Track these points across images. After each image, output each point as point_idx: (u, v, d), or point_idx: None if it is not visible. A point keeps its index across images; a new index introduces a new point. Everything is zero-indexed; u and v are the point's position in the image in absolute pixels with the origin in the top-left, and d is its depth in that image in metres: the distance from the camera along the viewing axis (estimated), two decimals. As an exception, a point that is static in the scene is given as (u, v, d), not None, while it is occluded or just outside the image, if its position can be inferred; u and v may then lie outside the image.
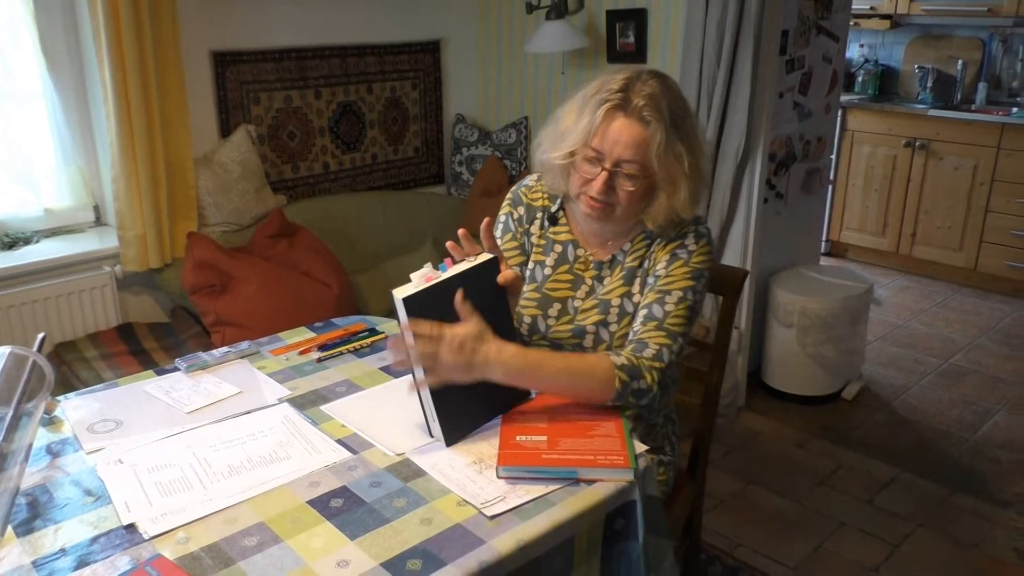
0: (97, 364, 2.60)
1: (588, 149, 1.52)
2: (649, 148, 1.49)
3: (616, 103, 1.49)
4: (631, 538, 1.34)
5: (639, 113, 1.48)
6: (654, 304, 1.56)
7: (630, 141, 1.49)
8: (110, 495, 1.28)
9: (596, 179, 1.52)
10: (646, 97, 1.49)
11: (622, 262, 1.65)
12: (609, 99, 1.49)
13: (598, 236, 1.68)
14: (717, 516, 2.67)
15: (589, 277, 1.68)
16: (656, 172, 1.51)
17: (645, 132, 1.48)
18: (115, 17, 2.54)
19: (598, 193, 1.52)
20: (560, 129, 1.58)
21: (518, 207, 1.75)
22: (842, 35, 3.46)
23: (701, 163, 1.57)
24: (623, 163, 1.50)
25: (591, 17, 3.36)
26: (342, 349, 1.84)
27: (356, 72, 3.45)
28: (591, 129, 1.50)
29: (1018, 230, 4.38)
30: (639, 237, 1.65)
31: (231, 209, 2.99)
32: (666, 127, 1.49)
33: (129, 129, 2.65)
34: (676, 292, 1.56)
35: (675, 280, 1.57)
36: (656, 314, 1.55)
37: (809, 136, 3.44)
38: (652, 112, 1.48)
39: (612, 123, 1.49)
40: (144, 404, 1.58)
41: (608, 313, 1.63)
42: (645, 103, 1.48)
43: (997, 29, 4.72)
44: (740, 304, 3.16)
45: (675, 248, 1.60)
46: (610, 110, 1.49)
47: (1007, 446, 3.06)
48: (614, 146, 1.49)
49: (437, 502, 1.28)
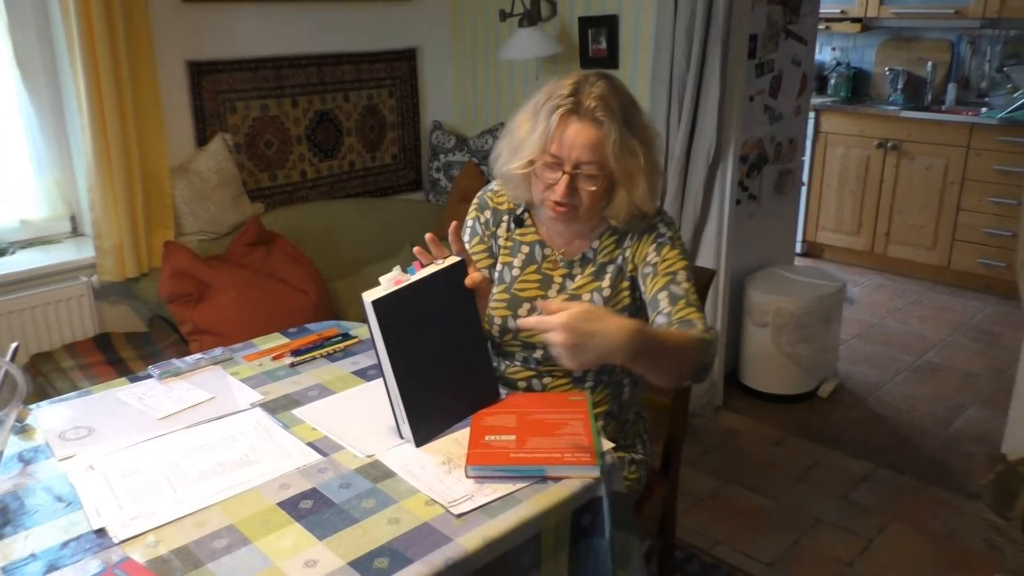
0: (74, 374, 2.61)
1: (547, 156, 1.55)
2: (605, 147, 1.53)
3: (569, 107, 1.53)
4: (598, 534, 1.37)
5: (592, 115, 1.52)
6: (671, 285, 1.60)
7: (587, 143, 1.52)
8: (81, 501, 1.29)
9: (558, 184, 1.55)
10: (596, 98, 1.52)
11: (592, 259, 1.69)
12: (561, 104, 1.53)
13: (564, 235, 1.71)
14: (695, 514, 2.70)
15: (559, 276, 1.71)
16: (614, 169, 1.55)
17: (600, 132, 1.52)
18: (88, 28, 2.56)
19: (562, 197, 1.56)
20: (516, 140, 1.61)
21: (484, 211, 1.78)
22: (810, 39, 3.51)
23: (655, 156, 1.62)
24: (582, 164, 1.54)
25: (564, 23, 3.40)
26: (315, 354, 1.86)
27: (332, 80, 3.47)
28: (548, 136, 1.54)
29: (989, 228, 4.45)
30: (606, 234, 1.69)
31: (208, 218, 3.00)
32: (619, 125, 1.53)
33: (104, 139, 2.66)
34: (680, 272, 1.61)
35: (673, 261, 1.63)
36: (678, 293, 1.59)
37: (780, 138, 3.49)
38: (604, 112, 1.52)
39: (567, 127, 1.53)
40: (116, 411, 1.59)
41: None
42: (596, 104, 1.52)
43: (965, 31, 4.80)
44: (716, 305, 3.21)
45: (655, 238, 1.65)
46: (564, 115, 1.53)
47: (979, 439, 3.11)
48: (572, 149, 1.53)
49: (405, 502, 1.30)
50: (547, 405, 1.54)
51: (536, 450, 1.39)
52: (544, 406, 1.53)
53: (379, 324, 1.38)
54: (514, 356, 1.74)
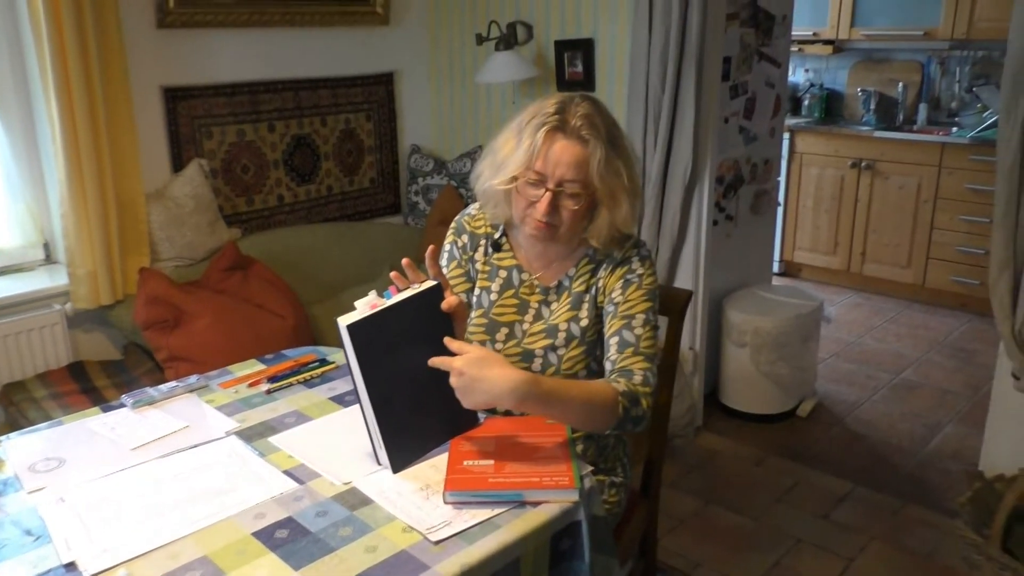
0: (47, 404, 2.57)
1: (531, 172, 1.54)
2: (590, 166, 1.53)
3: (554, 124, 1.53)
4: (577, 558, 1.36)
5: (577, 133, 1.52)
6: (623, 330, 1.59)
7: (571, 161, 1.52)
8: (50, 534, 1.27)
9: (541, 201, 1.55)
10: (582, 117, 1.53)
11: (568, 287, 1.68)
12: (547, 122, 1.53)
13: (542, 258, 1.71)
14: (677, 536, 2.69)
15: (535, 301, 1.70)
16: (598, 189, 1.55)
17: (585, 151, 1.52)
18: (61, 53, 2.54)
19: (543, 215, 1.55)
20: (499, 158, 1.61)
21: (462, 235, 1.77)
22: (783, 61, 3.56)
23: (636, 178, 1.62)
24: (566, 183, 1.53)
25: (540, 47, 3.43)
26: (292, 380, 1.84)
27: (309, 105, 3.47)
28: (533, 152, 1.53)
29: (962, 246, 4.50)
30: (583, 261, 1.68)
31: (184, 243, 2.98)
32: (604, 144, 1.53)
33: (78, 166, 2.64)
34: (639, 316, 1.60)
35: (634, 304, 1.61)
36: (629, 340, 1.58)
37: (756, 159, 3.52)
38: (590, 131, 1.52)
39: (553, 144, 1.53)
40: (88, 442, 1.57)
41: (556, 337, 1.66)
42: (582, 123, 1.52)
43: (934, 52, 4.89)
44: (695, 325, 3.22)
45: (625, 273, 1.64)
46: (549, 132, 1.53)
47: (956, 457, 3.13)
48: (556, 167, 1.53)
49: (383, 529, 1.28)
50: (525, 429, 1.53)
51: (514, 474, 1.38)
52: (522, 430, 1.53)
53: (354, 348, 1.38)
54: None
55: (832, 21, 5.04)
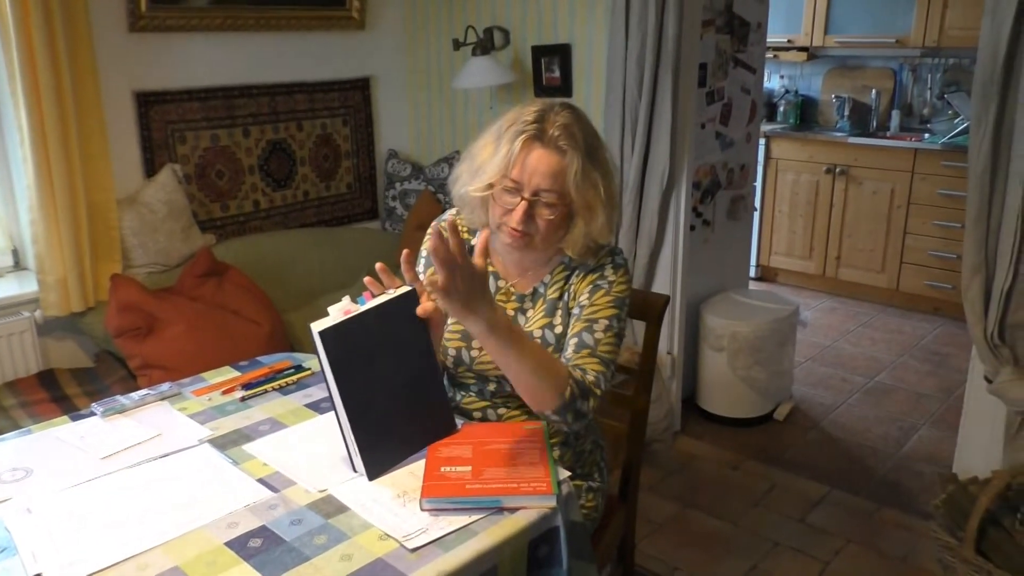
0: (16, 413, 2.52)
1: (507, 180, 1.53)
2: (567, 177, 1.52)
3: (532, 133, 1.52)
4: (555, 564, 1.35)
5: (555, 143, 1.51)
6: (583, 332, 1.58)
7: (548, 171, 1.51)
8: (16, 546, 1.24)
9: (516, 209, 1.53)
10: (560, 127, 1.52)
11: (543, 294, 1.68)
12: (525, 130, 1.52)
13: (518, 266, 1.70)
14: (655, 540, 2.69)
15: (511, 309, 1.69)
16: (574, 200, 1.54)
17: (562, 161, 1.51)
18: (31, 57, 2.51)
19: (518, 223, 1.54)
20: (477, 163, 1.59)
21: None
22: (759, 67, 3.58)
23: (614, 189, 1.61)
24: (542, 192, 1.52)
25: (517, 52, 3.43)
26: (267, 387, 1.82)
27: (285, 110, 3.44)
28: (509, 160, 1.52)
29: (935, 251, 4.56)
30: (558, 268, 1.68)
31: (157, 250, 2.94)
32: (582, 155, 1.52)
33: (47, 171, 2.60)
34: (602, 320, 1.59)
35: (599, 309, 1.60)
36: (587, 342, 1.57)
37: (732, 164, 3.54)
38: (568, 141, 1.51)
39: (530, 153, 1.52)
40: (56, 451, 1.54)
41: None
42: (560, 133, 1.51)
43: (906, 59, 4.95)
44: (672, 330, 3.23)
45: (596, 279, 1.63)
46: (527, 140, 1.52)
47: (930, 459, 3.16)
48: (532, 176, 1.51)
49: (359, 537, 1.27)
50: (503, 435, 1.52)
51: (492, 481, 1.37)
52: (500, 436, 1.52)
53: (327, 355, 1.36)
54: (469, 387, 1.73)
55: (806, 28, 5.09)
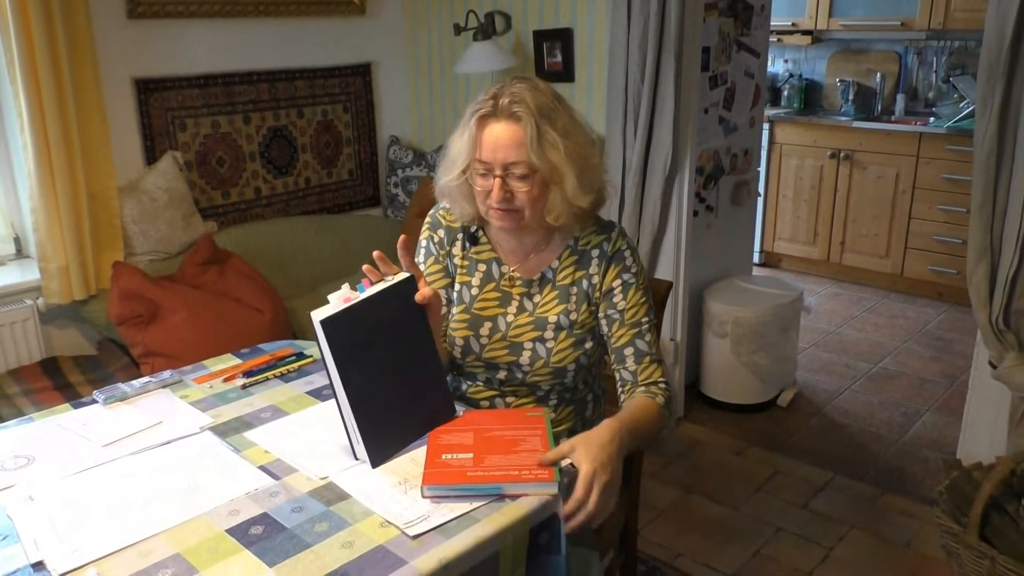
0: (19, 400, 2.52)
1: (477, 163, 1.56)
2: (525, 144, 1.52)
3: (487, 110, 1.54)
4: (555, 551, 1.35)
5: (508, 112, 1.53)
6: (636, 340, 1.63)
7: (509, 142, 1.52)
8: (18, 533, 1.24)
9: (493, 188, 1.55)
10: (511, 95, 1.53)
11: (552, 280, 1.68)
12: (479, 109, 1.55)
13: (518, 251, 1.70)
14: (657, 527, 2.69)
15: (517, 294, 1.69)
16: (539, 166, 1.54)
17: (519, 128, 1.52)
18: (29, 46, 2.50)
19: (498, 201, 1.55)
20: (451, 155, 1.62)
21: (438, 230, 1.75)
22: (762, 51, 3.55)
23: (583, 148, 1.59)
24: (510, 166, 1.54)
25: (518, 37, 3.40)
26: (268, 375, 1.82)
27: (286, 96, 3.43)
28: (473, 142, 1.55)
29: (939, 236, 4.53)
30: (565, 253, 1.68)
31: (158, 237, 2.94)
32: (535, 119, 1.52)
33: (47, 159, 2.59)
34: (644, 321, 1.64)
35: (638, 308, 1.64)
36: (643, 349, 1.63)
37: (736, 149, 3.52)
38: (520, 107, 1.52)
39: (488, 130, 1.54)
40: (59, 438, 1.54)
41: (544, 329, 1.66)
42: (511, 101, 1.53)
43: (911, 42, 4.91)
44: (675, 316, 3.22)
45: (620, 272, 1.65)
46: (482, 118, 1.54)
47: (934, 445, 3.15)
48: (496, 151, 1.53)
49: (360, 524, 1.26)
50: (505, 422, 1.52)
51: (493, 468, 1.36)
52: (502, 423, 1.51)
53: (328, 343, 1.36)
54: (476, 376, 1.73)
55: (810, 11, 5.05)
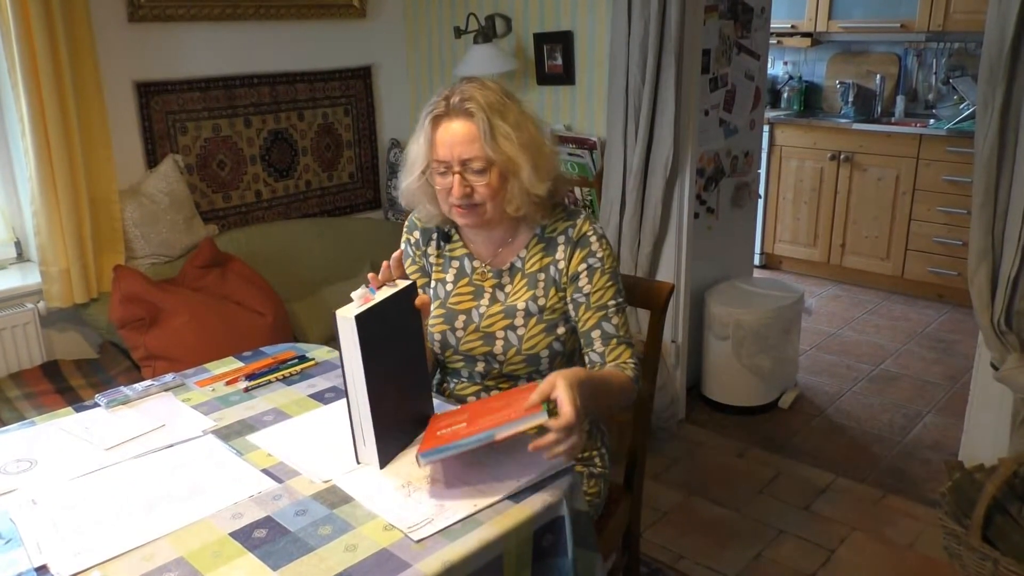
0: (20, 404, 2.52)
1: (435, 163, 1.60)
2: (479, 138, 1.56)
3: (440, 110, 1.59)
4: (560, 553, 1.35)
5: (460, 109, 1.57)
6: (603, 322, 1.65)
7: (462, 138, 1.57)
8: (21, 537, 1.24)
9: (453, 186, 1.59)
10: (460, 93, 1.58)
11: (521, 269, 1.72)
12: (433, 110, 1.60)
13: (489, 245, 1.74)
14: (659, 529, 2.69)
15: (489, 286, 1.73)
16: (495, 158, 1.58)
17: (471, 124, 1.56)
18: (30, 49, 2.50)
19: (458, 197, 1.59)
20: (409, 159, 1.67)
21: (414, 232, 1.82)
22: (763, 53, 3.56)
23: (535, 138, 1.63)
24: (467, 161, 1.57)
25: (519, 40, 3.41)
26: (270, 378, 1.82)
27: (286, 99, 3.43)
28: (429, 143, 1.60)
29: (940, 237, 4.54)
30: (532, 241, 1.72)
31: (160, 241, 2.94)
32: (486, 113, 1.56)
33: (48, 162, 2.59)
34: (611, 304, 1.66)
35: (603, 292, 1.67)
36: (610, 331, 1.65)
37: (736, 151, 3.53)
38: (471, 104, 1.56)
39: (441, 128, 1.59)
40: (61, 442, 1.54)
41: (514, 317, 1.70)
42: (461, 99, 1.57)
43: (911, 44, 4.92)
44: (677, 319, 3.22)
45: (586, 256, 1.67)
46: (436, 118, 1.59)
47: (936, 447, 3.15)
48: (451, 148, 1.57)
49: (363, 527, 1.26)
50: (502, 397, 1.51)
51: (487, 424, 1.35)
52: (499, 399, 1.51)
53: (360, 340, 1.35)
54: (459, 372, 1.78)
55: (810, 13, 5.05)
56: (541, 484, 1.36)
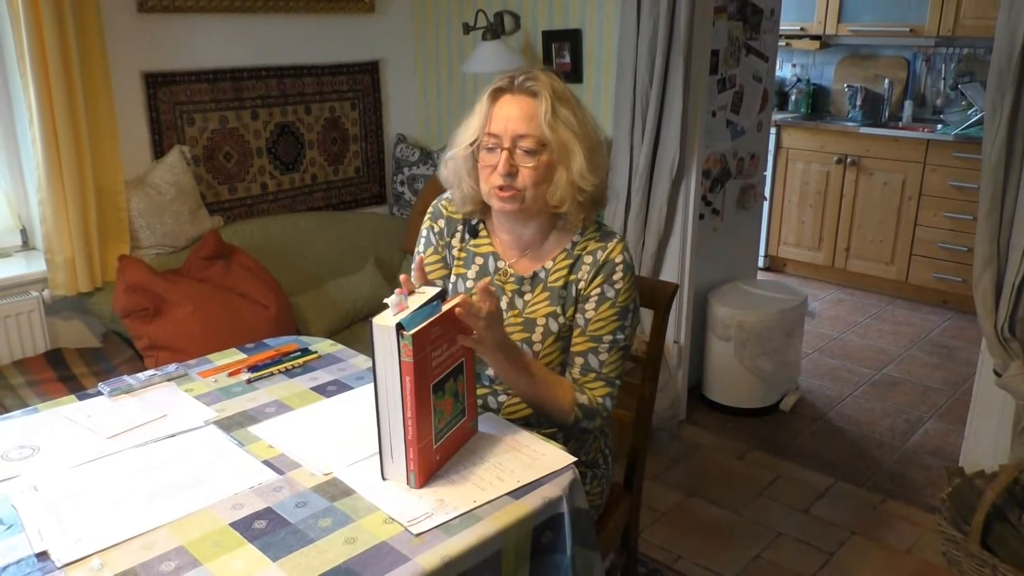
0: (23, 391, 2.53)
1: (487, 137, 1.57)
2: (538, 116, 1.54)
3: (502, 85, 1.58)
4: (559, 551, 1.35)
5: (523, 87, 1.56)
6: (589, 354, 1.62)
7: (521, 115, 1.54)
8: (22, 523, 1.24)
9: (500, 162, 1.55)
10: (526, 74, 1.57)
11: (544, 280, 1.66)
12: (496, 84, 1.59)
13: (517, 244, 1.69)
14: (658, 529, 2.69)
15: (509, 290, 1.69)
16: (550, 140, 1.55)
17: (532, 102, 1.55)
18: (39, 39, 2.50)
19: (503, 174, 1.55)
20: (460, 132, 1.64)
21: (439, 219, 1.76)
22: (771, 55, 3.55)
23: (590, 129, 1.61)
24: (519, 139, 1.54)
25: (527, 37, 3.41)
26: (273, 370, 1.82)
27: (294, 93, 3.43)
28: (484, 116, 1.58)
29: (945, 243, 4.53)
30: (560, 255, 1.66)
31: (165, 231, 2.94)
32: (550, 94, 1.55)
33: (56, 152, 2.60)
34: (607, 338, 1.62)
35: (604, 324, 1.62)
36: (593, 365, 1.62)
37: (742, 153, 3.52)
38: (535, 83, 1.55)
39: (501, 103, 1.57)
40: (64, 430, 1.54)
41: (533, 332, 1.65)
42: (527, 78, 1.57)
43: (920, 49, 4.91)
44: (679, 319, 3.22)
45: (603, 283, 1.62)
46: (495, 92, 1.58)
47: (937, 452, 3.14)
48: (507, 123, 1.55)
49: (363, 520, 1.27)
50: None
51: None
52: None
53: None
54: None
55: (819, 16, 5.04)
56: (541, 481, 1.36)
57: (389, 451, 1.36)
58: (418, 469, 1.34)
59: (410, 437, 1.32)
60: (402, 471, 1.35)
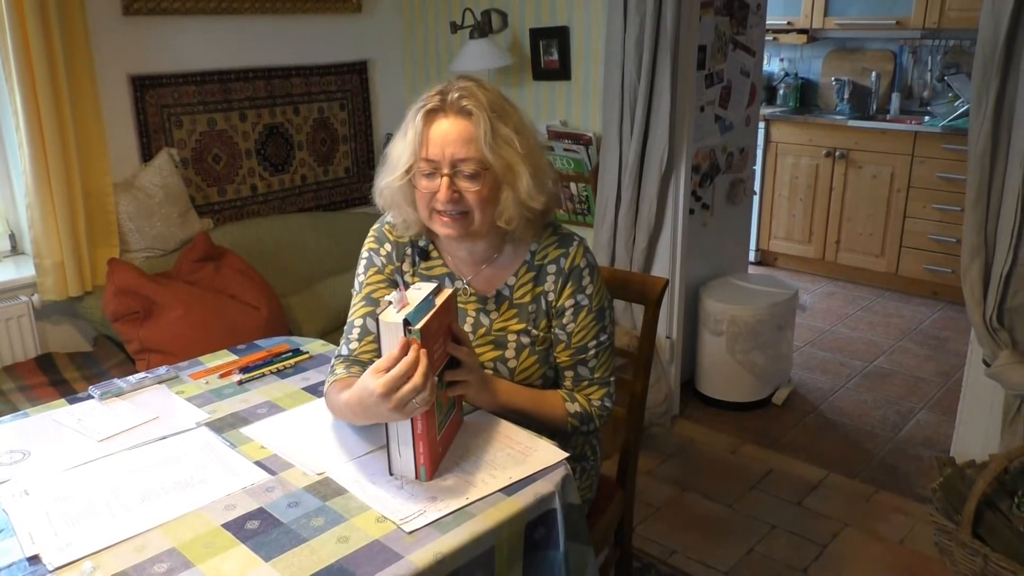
0: (14, 397, 2.52)
1: (422, 163, 1.47)
2: (478, 139, 1.45)
3: (434, 104, 1.47)
4: (552, 547, 1.35)
5: (458, 107, 1.46)
6: (579, 366, 1.62)
7: (458, 137, 1.45)
8: (13, 527, 1.24)
9: (440, 189, 1.46)
10: (460, 90, 1.47)
11: (509, 297, 1.62)
12: (426, 104, 1.48)
13: (471, 260, 1.63)
14: (652, 524, 2.69)
15: (472, 310, 1.63)
16: (492, 163, 1.47)
17: (469, 124, 1.45)
18: (25, 43, 2.49)
19: (445, 202, 1.46)
20: (393, 156, 1.53)
21: (384, 244, 1.67)
22: (758, 49, 3.56)
23: (533, 147, 1.53)
24: (459, 163, 1.46)
25: (515, 35, 3.41)
26: (264, 371, 1.82)
27: (282, 94, 3.43)
28: (417, 139, 1.47)
29: (934, 234, 4.55)
30: (522, 269, 1.61)
31: (154, 234, 2.93)
32: (488, 114, 1.46)
33: (43, 156, 2.59)
34: (591, 344, 1.62)
35: (586, 332, 1.61)
36: (584, 374, 1.63)
37: (732, 148, 3.53)
38: (471, 102, 1.45)
39: (436, 126, 1.46)
40: (54, 434, 1.54)
41: (505, 348, 1.61)
42: (461, 95, 1.46)
43: (906, 41, 4.93)
44: (671, 314, 3.23)
45: (574, 292, 1.59)
46: (428, 114, 1.47)
47: (928, 443, 3.16)
48: (444, 147, 1.45)
49: (356, 519, 1.27)
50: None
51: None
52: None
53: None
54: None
55: (806, 10, 5.06)
56: (534, 477, 1.37)
57: (397, 447, 1.36)
58: (428, 463, 1.35)
59: (419, 431, 1.33)
60: (411, 466, 1.36)
